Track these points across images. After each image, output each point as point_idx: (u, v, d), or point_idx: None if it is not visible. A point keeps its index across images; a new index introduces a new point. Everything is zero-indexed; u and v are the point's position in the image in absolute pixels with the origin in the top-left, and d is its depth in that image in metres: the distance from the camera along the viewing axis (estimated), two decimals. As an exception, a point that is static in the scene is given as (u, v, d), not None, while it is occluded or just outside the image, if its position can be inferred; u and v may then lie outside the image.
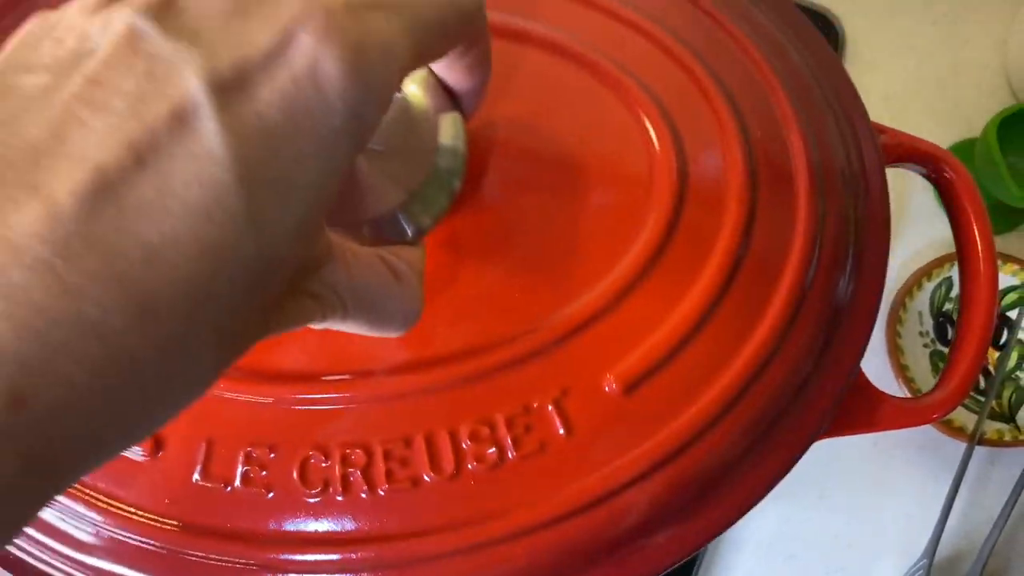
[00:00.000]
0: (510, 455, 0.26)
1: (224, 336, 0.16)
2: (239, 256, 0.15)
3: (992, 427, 0.48)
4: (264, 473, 0.26)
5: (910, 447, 0.50)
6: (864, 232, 0.32)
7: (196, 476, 0.26)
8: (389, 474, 0.26)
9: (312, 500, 0.26)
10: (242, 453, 0.26)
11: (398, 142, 0.25)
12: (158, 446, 0.26)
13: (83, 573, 0.27)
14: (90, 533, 0.26)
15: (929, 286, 0.50)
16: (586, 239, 0.29)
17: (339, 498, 0.26)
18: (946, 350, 0.51)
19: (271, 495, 0.26)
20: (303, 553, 0.26)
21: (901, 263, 0.52)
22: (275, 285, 0.17)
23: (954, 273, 0.50)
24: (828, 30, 0.56)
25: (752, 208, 0.29)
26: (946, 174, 0.33)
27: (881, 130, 0.33)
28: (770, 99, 0.32)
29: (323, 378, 0.27)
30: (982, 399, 0.49)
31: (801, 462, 0.45)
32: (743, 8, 0.35)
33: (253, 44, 0.15)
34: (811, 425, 0.30)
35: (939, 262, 0.50)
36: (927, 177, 0.34)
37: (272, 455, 0.26)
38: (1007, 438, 0.48)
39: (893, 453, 0.50)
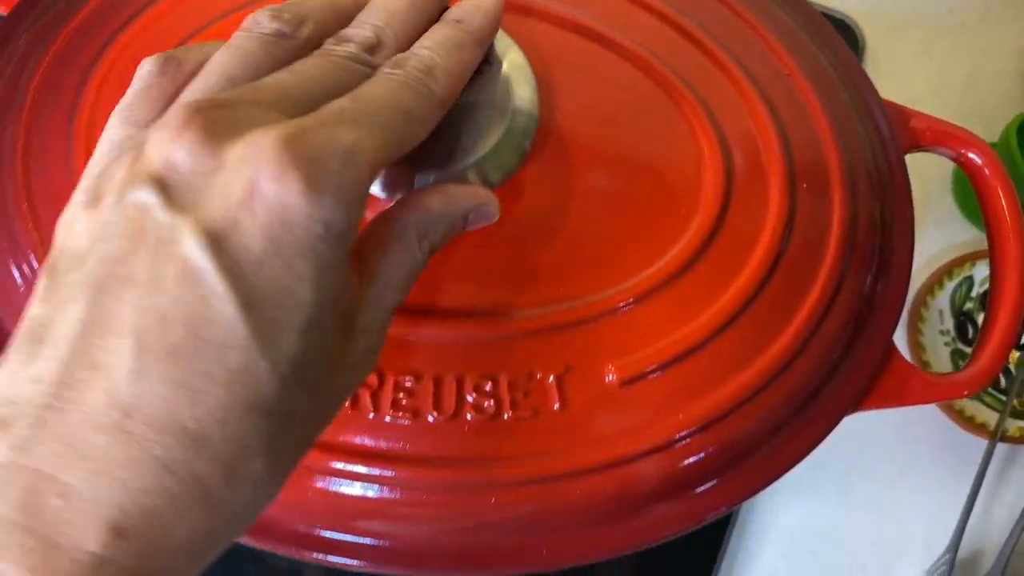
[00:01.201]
0: (505, 414, 0.28)
1: (274, 441, 0.19)
2: (256, 374, 0.19)
3: (1015, 424, 0.48)
4: None
5: (933, 446, 0.50)
6: (891, 225, 0.33)
7: None
8: (395, 402, 0.28)
9: None
10: None
11: (480, 99, 0.26)
12: None
13: None
14: None
15: (950, 285, 0.51)
16: (628, 229, 0.30)
17: (346, 411, 0.28)
18: (967, 349, 0.51)
19: None
20: None
21: (921, 264, 0.53)
22: (310, 378, 0.20)
23: (975, 272, 0.51)
24: (848, 37, 0.58)
25: (791, 208, 0.30)
26: (973, 156, 0.34)
27: (909, 115, 0.34)
28: (800, 98, 0.33)
29: None
30: (1003, 398, 0.49)
31: (825, 459, 0.46)
32: (766, 6, 0.36)
33: (231, 195, 0.19)
34: (844, 399, 0.31)
35: (959, 261, 0.51)
36: (955, 160, 0.35)
37: None
38: (1030, 436, 0.48)
39: (916, 451, 0.50)
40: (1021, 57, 0.59)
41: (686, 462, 0.29)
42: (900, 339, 0.51)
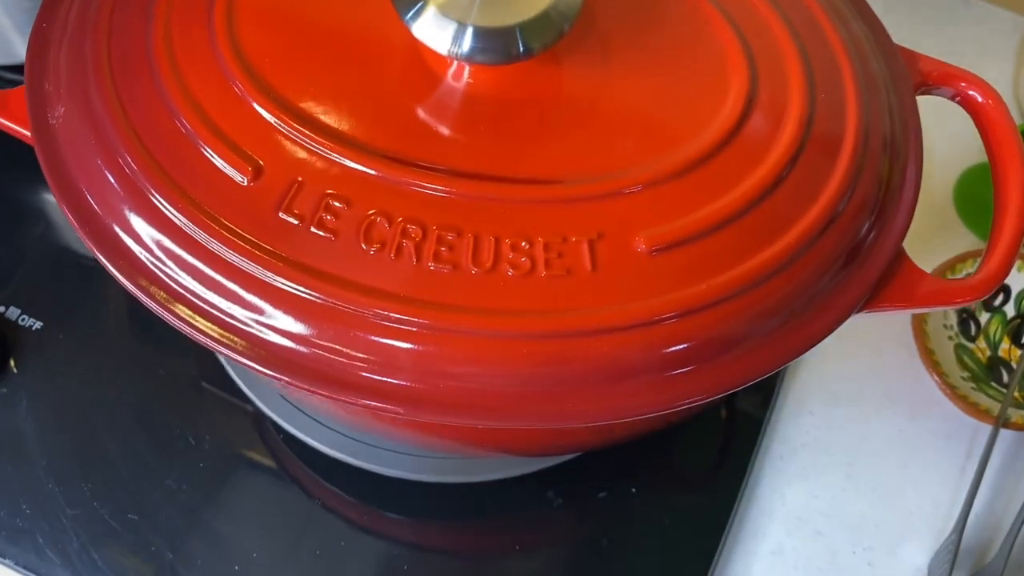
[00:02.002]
0: (540, 271, 0.30)
1: None
2: None
3: (1017, 413, 0.50)
4: (335, 221, 0.30)
5: (937, 433, 0.52)
6: (901, 143, 0.35)
7: (281, 211, 0.30)
8: (436, 254, 0.30)
9: (367, 252, 0.30)
10: (323, 200, 0.30)
11: None
12: (257, 173, 0.30)
13: (185, 275, 0.30)
14: (192, 245, 0.30)
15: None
16: (659, 113, 0.33)
17: (391, 258, 0.30)
18: (970, 345, 0.53)
19: (334, 240, 0.30)
20: (348, 297, 0.29)
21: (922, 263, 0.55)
22: None
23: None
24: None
25: (811, 109, 0.33)
26: (973, 94, 0.37)
27: (918, 58, 0.38)
28: (819, 24, 0.36)
29: (409, 160, 0.31)
30: (1004, 391, 0.51)
31: (829, 443, 0.47)
32: None
33: None
34: (856, 294, 0.33)
35: (962, 257, 0.53)
36: (958, 101, 0.38)
37: (346, 208, 0.30)
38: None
39: (920, 437, 0.52)
40: (1015, 80, 0.63)
41: (709, 331, 0.30)
42: (905, 331, 0.53)
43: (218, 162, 0.31)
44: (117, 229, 0.31)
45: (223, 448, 0.48)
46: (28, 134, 0.34)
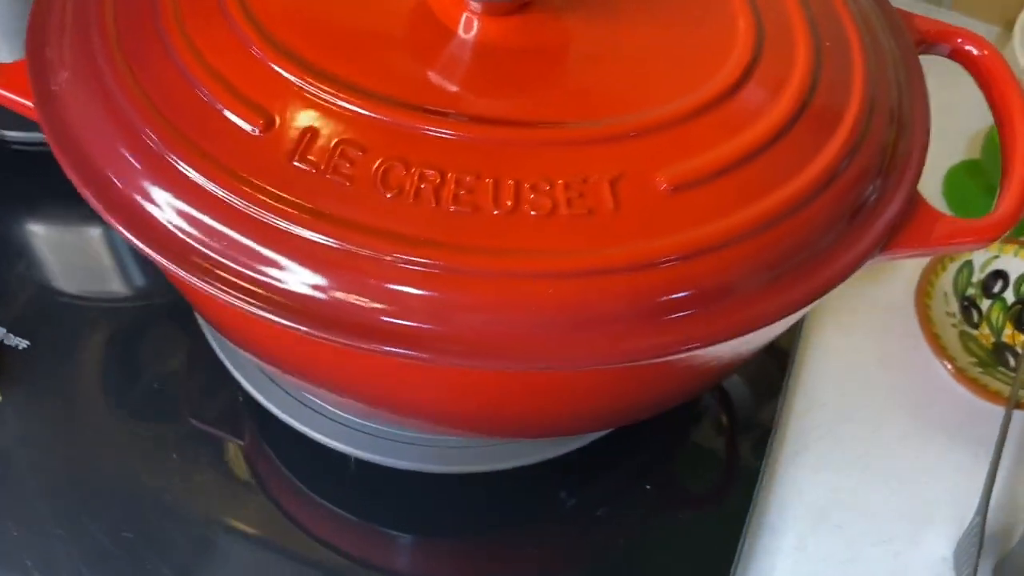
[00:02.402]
0: (563, 211, 0.29)
1: None
2: None
3: (1027, 394, 0.49)
4: (350, 167, 0.29)
5: (949, 421, 0.51)
6: (906, 86, 0.36)
7: (296, 160, 0.29)
8: (456, 197, 0.29)
9: (385, 197, 0.29)
10: (338, 147, 0.30)
11: None
12: (269, 124, 0.30)
13: (199, 232, 0.29)
14: (206, 198, 0.29)
15: (952, 267, 0.53)
16: (675, 58, 0.34)
17: (410, 201, 0.29)
18: (974, 332, 0.53)
19: (350, 186, 0.29)
20: (367, 242, 0.29)
21: (921, 261, 0.55)
22: None
23: (974, 256, 0.53)
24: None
25: (818, 57, 0.33)
26: (969, 48, 0.37)
27: (914, 17, 0.38)
28: None
29: (423, 107, 0.30)
30: (1012, 374, 0.51)
31: (842, 436, 0.47)
32: None
33: None
34: (874, 237, 0.32)
35: (959, 243, 0.53)
36: (955, 57, 0.38)
37: (361, 154, 0.29)
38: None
39: (932, 426, 0.51)
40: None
41: (737, 267, 0.30)
42: (910, 321, 0.53)
43: (228, 115, 0.30)
44: (128, 191, 0.30)
45: (219, 463, 0.46)
46: (28, 104, 0.33)
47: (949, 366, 0.49)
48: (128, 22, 0.33)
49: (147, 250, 0.29)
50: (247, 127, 0.30)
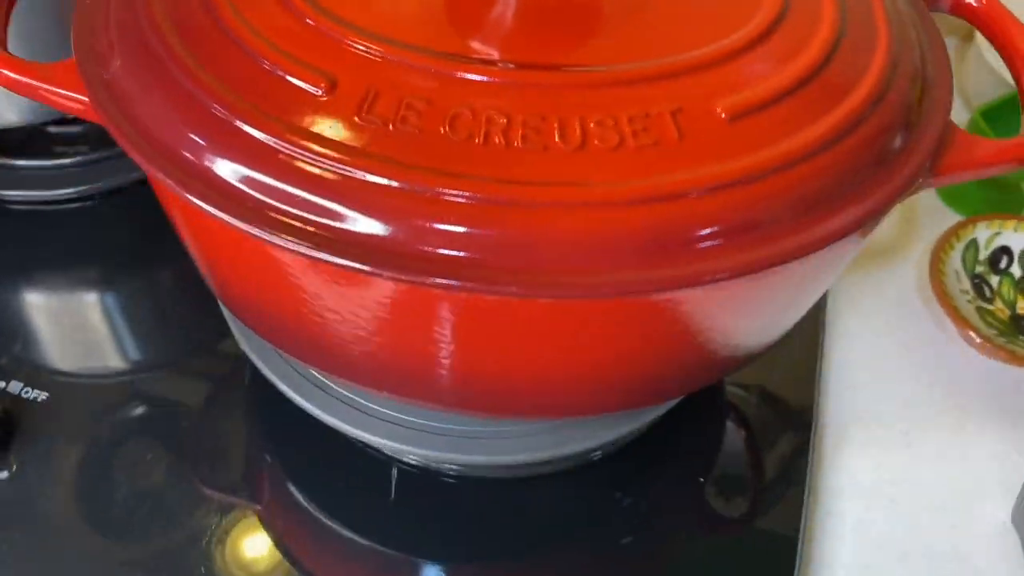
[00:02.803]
0: (629, 143, 0.30)
1: None
2: None
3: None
4: (417, 118, 0.30)
5: (983, 392, 0.52)
6: (926, 43, 0.38)
7: (365, 114, 0.30)
8: (524, 137, 0.30)
9: (454, 141, 0.30)
10: (403, 101, 0.30)
11: None
12: (332, 85, 0.30)
13: (266, 196, 0.29)
14: (279, 161, 0.29)
15: (959, 246, 0.55)
16: (715, 11, 0.35)
17: (479, 144, 0.30)
18: (990, 307, 0.54)
19: (420, 135, 0.30)
20: (440, 182, 0.29)
21: (923, 249, 0.57)
22: None
23: (977, 234, 0.55)
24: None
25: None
26: (969, 1, 0.40)
27: None
28: None
29: (480, 58, 0.31)
30: (1024, 339, 0.52)
31: (880, 417, 0.47)
32: None
33: None
34: (918, 161, 0.34)
35: (963, 224, 0.55)
36: (955, 11, 0.41)
37: (427, 105, 0.30)
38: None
39: (965, 398, 0.52)
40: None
41: (796, 187, 0.31)
42: (928, 300, 0.54)
43: (294, 80, 0.31)
44: (201, 162, 0.30)
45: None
46: (82, 98, 0.33)
47: (977, 338, 0.50)
48: (178, 14, 0.33)
49: (225, 216, 0.29)
50: (313, 90, 0.30)
